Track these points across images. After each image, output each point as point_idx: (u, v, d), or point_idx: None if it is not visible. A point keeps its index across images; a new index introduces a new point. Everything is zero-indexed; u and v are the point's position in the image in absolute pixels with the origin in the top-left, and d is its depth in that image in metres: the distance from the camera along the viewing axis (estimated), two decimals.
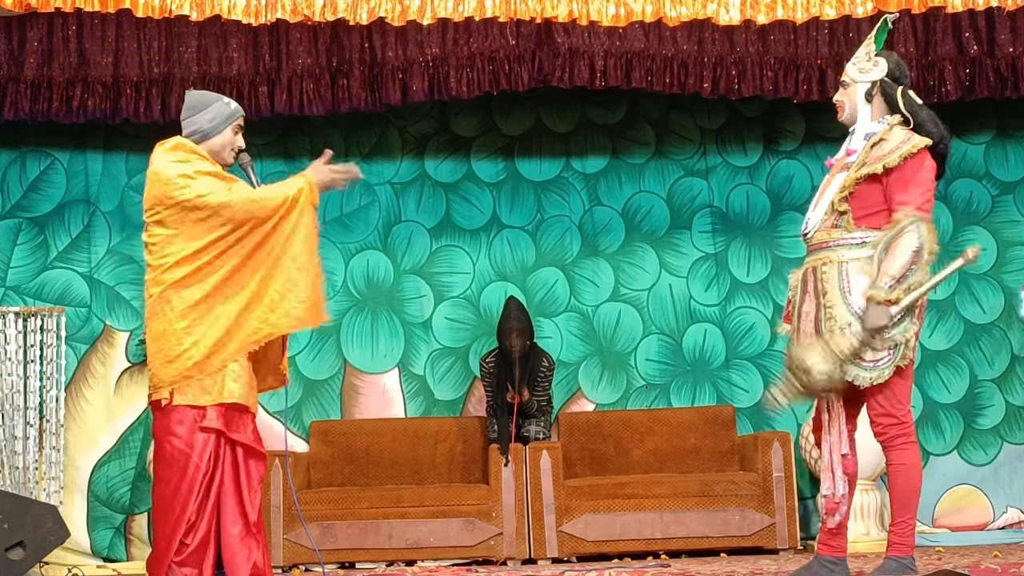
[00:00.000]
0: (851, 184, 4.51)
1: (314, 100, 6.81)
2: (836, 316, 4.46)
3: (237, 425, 4.43)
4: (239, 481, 4.43)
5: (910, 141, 4.50)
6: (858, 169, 4.51)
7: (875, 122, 4.62)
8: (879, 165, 4.47)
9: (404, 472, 7.28)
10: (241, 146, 4.65)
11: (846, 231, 4.52)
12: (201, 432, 4.37)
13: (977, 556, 5.98)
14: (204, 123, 4.58)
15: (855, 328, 4.41)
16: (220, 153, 4.59)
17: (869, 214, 4.50)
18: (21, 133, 7.40)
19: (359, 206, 7.74)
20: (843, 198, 4.52)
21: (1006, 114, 7.83)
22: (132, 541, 7.21)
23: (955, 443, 7.64)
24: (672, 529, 6.74)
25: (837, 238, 4.53)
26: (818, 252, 4.59)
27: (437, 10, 6.64)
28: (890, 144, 4.51)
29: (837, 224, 4.54)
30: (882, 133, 4.56)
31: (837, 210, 4.53)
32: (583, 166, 7.87)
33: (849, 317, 4.44)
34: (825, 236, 4.57)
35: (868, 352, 4.42)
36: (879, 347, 4.40)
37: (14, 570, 5.04)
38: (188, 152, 4.51)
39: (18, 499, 5.28)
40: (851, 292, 4.46)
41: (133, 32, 6.69)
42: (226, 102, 4.66)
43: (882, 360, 4.43)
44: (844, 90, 4.68)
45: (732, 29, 6.86)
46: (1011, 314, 7.71)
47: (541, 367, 7.22)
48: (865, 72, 4.63)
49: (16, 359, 6.35)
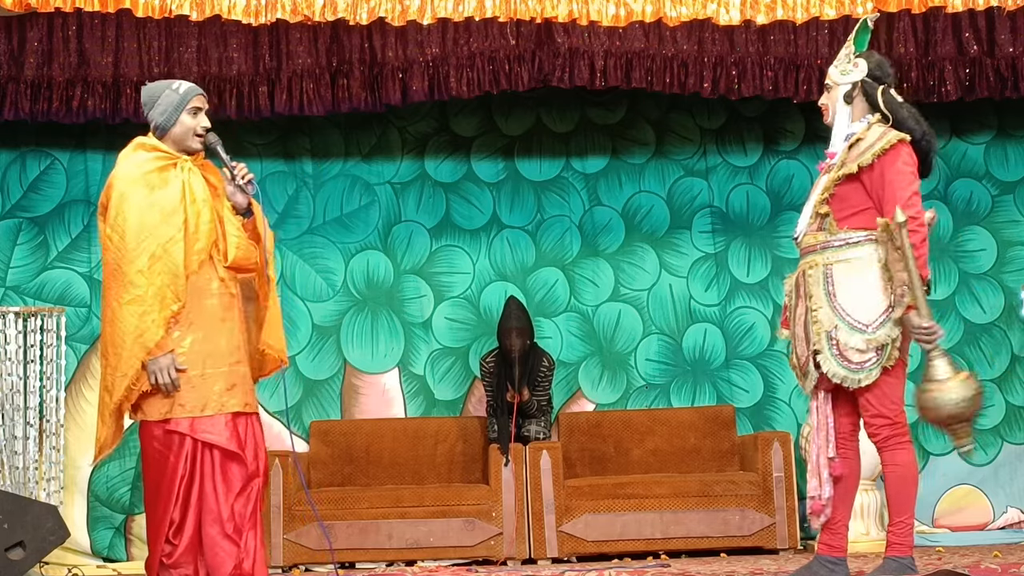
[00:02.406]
0: (831, 186, 4.53)
1: (314, 100, 6.81)
2: (821, 319, 4.47)
3: (208, 428, 4.39)
4: (216, 484, 4.40)
5: (884, 137, 4.49)
6: (837, 170, 4.53)
7: (855, 122, 4.63)
8: (854, 165, 4.48)
9: (404, 472, 7.28)
10: (204, 127, 4.52)
11: (830, 233, 4.54)
12: (175, 434, 4.38)
13: (977, 556, 5.98)
14: (157, 117, 4.51)
15: (928, 352, 4.41)
16: (183, 142, 4.50)
17: (851, 215, 4.51)
18: (21, 133, 7.40)
19: (359, 206, 7.74)
20: (823, 200, 4.55)
21: (1006, 114, 7.83)
22: (132, 541, 7.21)
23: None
24: (672, 529, 6.74)
25: (823, 241, 4.55)
26: (807, 256, 4.62)
27: (437, 10, 6.64)
28: (866, 143, 4.52)
29: (821, 227, 4.56)
30: (860, 132, 4.57)
31: (819, 213, 4.55)
32: (583, 166, 7.87)
33: (835, 319, 4.45)
34: (812, 240, 4.59)
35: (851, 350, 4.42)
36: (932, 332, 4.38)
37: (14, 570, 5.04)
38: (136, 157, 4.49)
39: (18, 499, 5.28)
40: (836, 295, 4.47)
41: (133, 32, 6.69)
42: (175, 87, 4.54)
43: (868, 361, 4.43)
44: (828, 93, 4.69)
45: (732, 29, 6.86)
46: (1011, 314, 7.71)
47: (541, 367, 7.22)
48: (846, 74, 4.64)
49: (16, 359, 6.35)
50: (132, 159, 4.51)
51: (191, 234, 4.43)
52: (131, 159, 4.51)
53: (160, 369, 4.34)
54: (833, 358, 4.46)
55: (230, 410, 4.42)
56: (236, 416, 4.45)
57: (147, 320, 4.35)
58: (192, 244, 4.43)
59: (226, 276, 4.51)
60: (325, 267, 7.66)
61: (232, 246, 4.50)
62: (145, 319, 4.35)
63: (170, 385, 4.34)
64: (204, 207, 4.46)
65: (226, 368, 4.45)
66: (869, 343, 4.42)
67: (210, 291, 4.47)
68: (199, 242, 4.44)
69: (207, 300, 4.46)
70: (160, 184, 4.44)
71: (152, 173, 4.46)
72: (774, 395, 7.66)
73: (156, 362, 4.33)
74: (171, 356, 4.35)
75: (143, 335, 4.35)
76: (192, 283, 4.43)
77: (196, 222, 4.44)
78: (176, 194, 4.44)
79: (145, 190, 4.43)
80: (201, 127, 4.52)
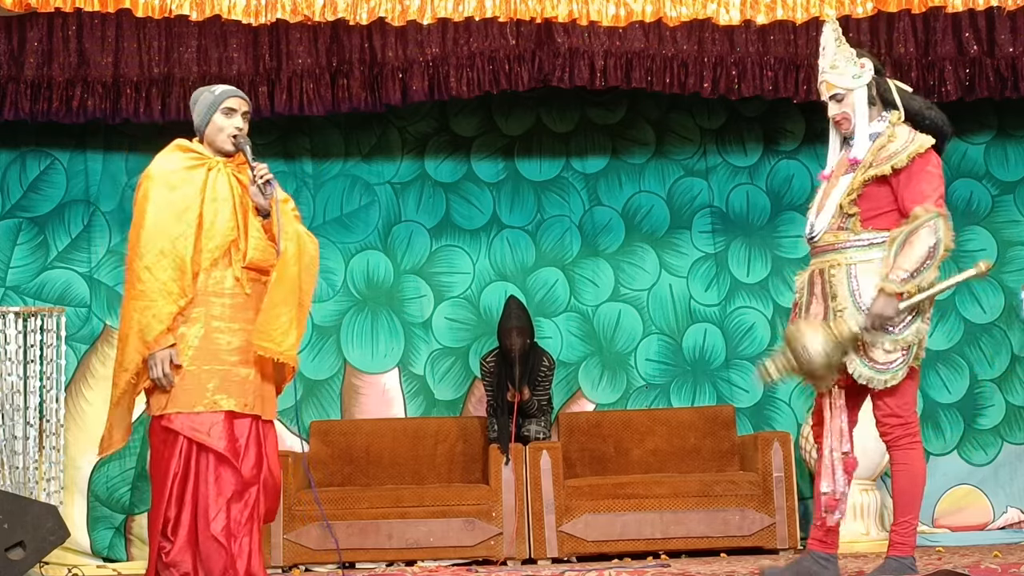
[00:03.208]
0: (859, 186, 4.48)
1: (314, 100, 6.81)
2: (847, 319, 4.45)
3: (197, 425, 4.40)
4: (209, 484, 4.41)
5: (915, 141, 4.48)
6: (866, 170, 4.49)
7: (875, 122, 4.60)
8: (887, 166, 4.45)
9: (404, 472, 7.28)
10: (237, 127, 4.58)
11: (853, 233, 4.50)
12: (170, 431, 4.42)
13: (977, 556, 5.98)
14: (196, 119, 4.66)
15: (859, 317, 4.39)
16: (216, 142, 4.62)
17: (877, 215, 4.49)
18: (21, 133, 7.40)
19: (359, 206, 7.74)
20: (852, 200, 4.49)
21: (1006, 114, 7.83)
22: (132, 541, 7.21)
23: (955, 443, 7.64)
24: (672, 529, 6.74)
25: (845, 240, 4.51)
26: (825, 254, 4.56)
27: (437, 10, 6.64)
28: (896, 144, 4.48)
29: (844, 226, 4.52)
30: (887, 133, 4.54)
31: (846, 212, 4.50)
32: (583, 166, 7.87)
33: (860, 319, 4.43)
34: (832, 238, 4.54)
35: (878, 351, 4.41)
36: (877, 340, 4.39)
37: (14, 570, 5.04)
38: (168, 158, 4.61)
39: (18, 499, 5.28)
40: (861, 294, 4.45)
41: (133, 32, 6.69)
42: (212, 90, 4.66)
43: (896, 362, 4.42)
44: (840, 102, 4.59)
45: (732, 29, 6.86)
46: (1011, 314, 7.71)
47: (541, 367, 7.22)
48: (858, 77, 4.58)
49: (16, 359, 6.35)
50: (163, 159, 4.63)
51: (206, 231, 4.48)
52: (162, 159, 4.64)
53: (156, 363, 4.38)
54: (859, 359, 4.44)
55: (222, 409, 4.42)
56: (233, 417, 4.45)
57: (148, 315, 4.39)
58: (206, 242, 4.47)
59: (243, 276, 4.53)
60: (325, 267, 7.64)
61: (251, 247, 4.53)
62: (146, 314, 4.40)
63: (163, 380, 4.38)
64: (224, 206, 4.52)
65: (224, 367, 4.45)
66: (896, 344, 4.40)
67: (222, 289, 4.50)
68: (213, 240, 4.48)
69: (217, 298, 4.48)
70: (180, 184, 4.53)
71: (176, 172, 4.57)
72: (774, 395, 7.65)
73: (153, 356, 4.38)
74: (169, 351, 4.38)
75: (144, 330, 4.40)
76: (203, 280, 4.46)
77: (213, 220, 4.49)
78: (193, 192, 4.52)
79: (165, 190, 4.52)
80: (235, 127, 4.57)
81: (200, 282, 4.47)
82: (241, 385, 4.48)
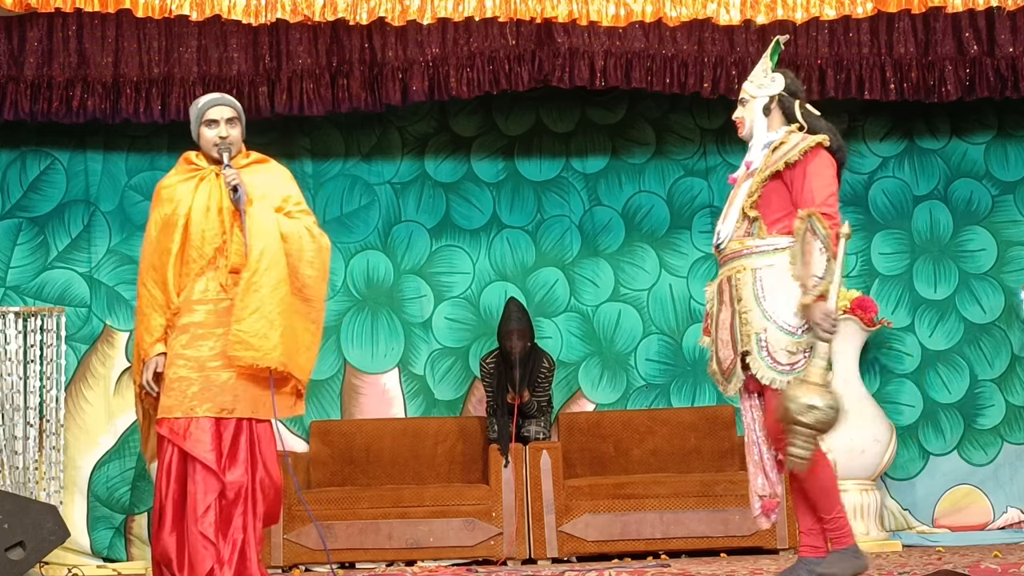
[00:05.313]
0: (758, 187, 4.56)
1: (314, 100, 6.81)
2: (751, 321, 4.48)
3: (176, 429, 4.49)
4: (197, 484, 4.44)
5: (806, 140, 4.56)
6: (762, 172, 4.56)
7: (773, 132, 4.67)
8: (781, 163, 4.52)
9: (404, 472, 7.28)
10: (220, 136, 4.64)
11: (759, 238, 4.55)
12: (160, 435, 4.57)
13: (977, 556, 5.98)
14: (192, 131, 4.77)
15: (767, 324, 4.41)
16: (209, 153, 4.71)
17: (779, 218, 4.54)
18: (21, 133, 7.41)
19: (359, 206, 7.75)
20: (752, 203, 4.56)
21: (1006, 114, 7.83)
22: (132, 541, 7.22)
23: (955, 443, 7.64)
24: (672, 529, 6.74)
25: (751, 246, 4.56)
26: (732, 261, 4.61)
27: (437, 10, 6.64)
28: (788, 145, 4.57)
29: (750, 232, 4.58)
30: (781, 138, 4.63)
31: (748, 216, 4.57)
32: (583, 166, 7.88)
33: (764, 322, 4.45)
34: (738, 245, 4.59)
35: (781, 352, 4.41)
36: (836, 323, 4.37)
37: (14, 570, 5.04)
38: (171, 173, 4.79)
39: (18, 499, 5.29)
40: (765, 298, 4.48)
41: (133, 32, 6.70)
42: (197, 102, 4.77)
43: (798, 363, 4.44)
44: (743, 107, 4.75)
45: (732, 29, 6.86)
46: (1011, 314, 7.71)
47: (541, 368, 7.21)
48: (763, 87, 4.71)
49: (16, 359, 6.36)
50: (168, 175, 4.79)
51: (192, 242, 4.59)
52: (167, 175, 4.79)
53: (144, 372, 4.60)
54: (762, 360, 4.47)
55: (199, 415, 4.47)
56: (219, 422, 4.47)
57: (142, 328, 4.63)
58: (192, 252, 4.59)
59: (229, 283, 4.55)
60: None
61: (233, 252, 4.54)
62: (140, 328, 4.64)
63: (147, 387, 4.58)
64: (210, 214, 4.62)
65: (205, 373, 4.50)
66: (798, 345, 4.43)
67: (206, 297, 4.55)
68: (199, 249, 4.60)
69: (201, 306, 4.57)
70: (172, 199, 4.65)
71: (170, 188, 4.70)
72: None
73: (145, 365, 4.58)
74: (156, 360, 4.56)
75: (139, 342, 4.65)
76: (189, 290, 4.56)
77: (199, 230, 4.59)
78: (183, 207, 4.63)
79: (160, 206, 4.69)
80: (218, 137, 4.59)
81: (186, 292, 4.58)
82: (221, 389, 4.49)
